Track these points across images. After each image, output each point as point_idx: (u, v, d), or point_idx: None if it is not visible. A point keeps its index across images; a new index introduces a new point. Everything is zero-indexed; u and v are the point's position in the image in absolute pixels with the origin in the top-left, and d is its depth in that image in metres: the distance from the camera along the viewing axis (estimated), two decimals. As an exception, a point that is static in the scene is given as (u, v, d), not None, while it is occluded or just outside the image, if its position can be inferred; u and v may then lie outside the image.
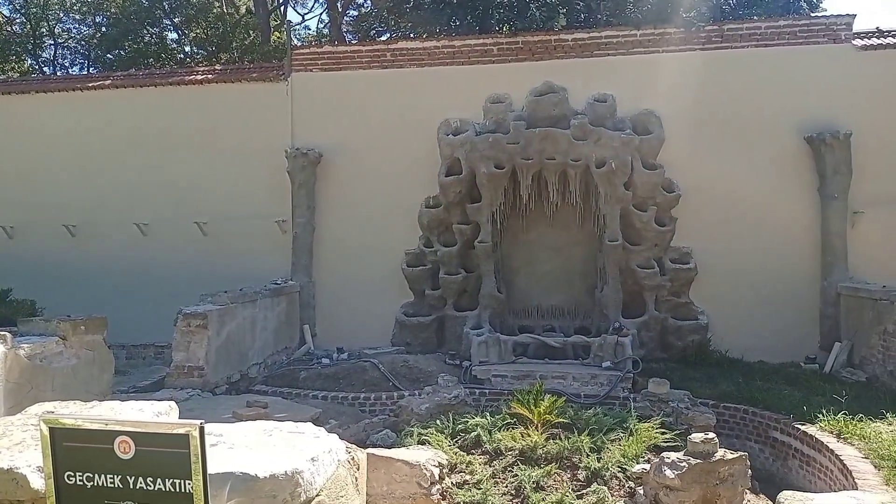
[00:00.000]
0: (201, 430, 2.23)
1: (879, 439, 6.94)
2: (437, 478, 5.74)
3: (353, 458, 3.11)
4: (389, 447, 6.59)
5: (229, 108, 12.94)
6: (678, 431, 6.66)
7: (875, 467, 6.38)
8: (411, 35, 17.11)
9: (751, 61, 11.41)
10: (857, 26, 11.44)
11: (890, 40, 11.37)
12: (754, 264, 11.23)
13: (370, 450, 5.70)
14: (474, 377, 9.93)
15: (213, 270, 12.14)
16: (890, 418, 7.60)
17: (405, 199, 12.02)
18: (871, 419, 7.57)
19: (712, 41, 11.61)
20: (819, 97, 11.22)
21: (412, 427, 7.02)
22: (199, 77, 13.71)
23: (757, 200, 11.31)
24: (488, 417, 7.06)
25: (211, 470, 2.29)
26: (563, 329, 11.46)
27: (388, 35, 19.42)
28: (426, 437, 6.62)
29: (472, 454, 6.47)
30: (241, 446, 2.77)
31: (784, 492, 1.85)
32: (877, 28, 11.61)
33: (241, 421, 4.57)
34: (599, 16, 15.01)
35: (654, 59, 11.69)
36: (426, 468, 5.68)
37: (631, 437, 6.42)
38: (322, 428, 3.18)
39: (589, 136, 11.13)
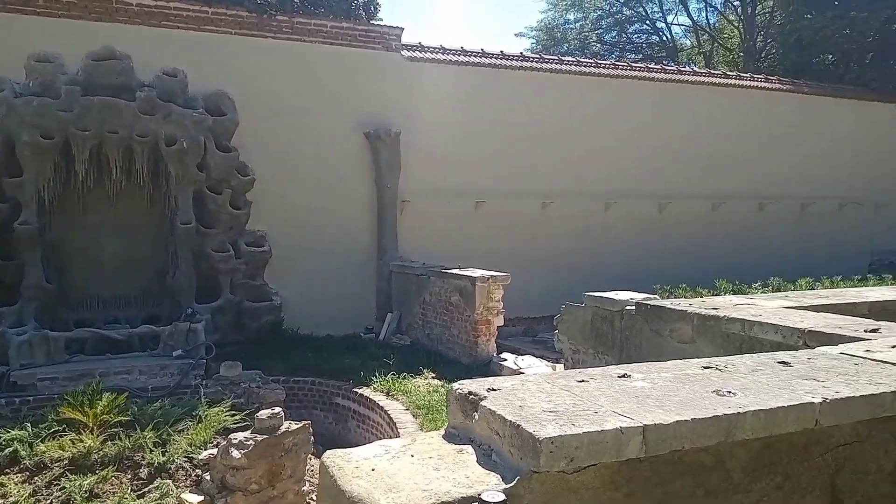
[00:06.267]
0: None
1: (418, 392, 8.26)
2: (-49, 512, 4.70)
3: None
4: None
5: None
6: (249, 411, 6.73)
7: (414, 416, 7.56)
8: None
9: (318, 56, 12.14)
10: (405, 39, 13.19)
11: (429, 55, 13.43)
12: (322, 246, 12.08)
13: None
14: (14, 384, 8.38)
15: None
16: (426, 374, 9.11)
17: None
18: (412, 376, 8.96)
19: (283, 31, 11.99)
20: (375, 97, 12.58)
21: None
22: None
23: (325, 187, 12.18)
24: (30, 429, 6.06)
25: None
26: (131, 320, 10.51)
27: None
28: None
29: (8, 474, 5.48)
30: None
31: (327, 451, 2.00)
32: (419, 42, 13.56)
33: None
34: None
35: (226, 40, 11.54)
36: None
37: (199, 425, 6.27)
38: None
39: (158, 111, 10.40)
